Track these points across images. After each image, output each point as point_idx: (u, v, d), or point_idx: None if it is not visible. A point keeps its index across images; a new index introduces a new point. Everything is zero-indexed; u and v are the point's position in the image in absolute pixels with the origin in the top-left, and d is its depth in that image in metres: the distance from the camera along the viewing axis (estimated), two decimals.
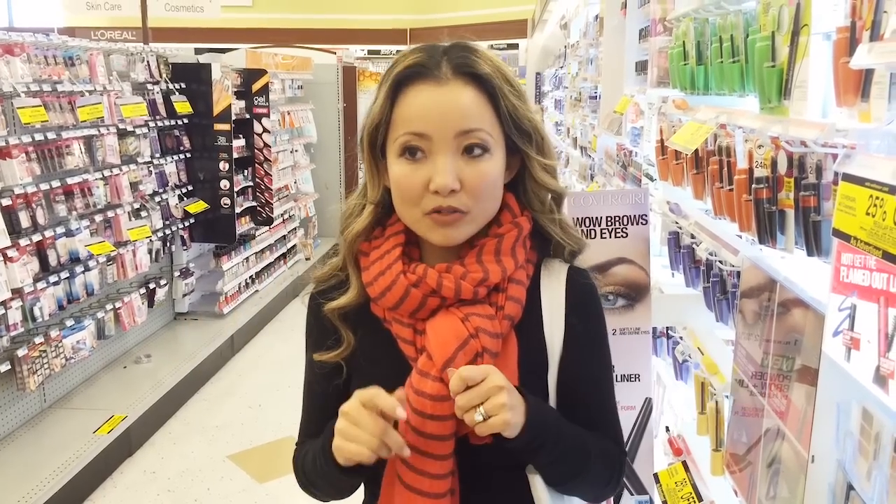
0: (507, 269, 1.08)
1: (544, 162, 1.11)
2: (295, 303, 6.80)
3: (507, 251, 1.09)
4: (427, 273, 1.05)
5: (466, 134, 1.03)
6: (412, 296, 1.05)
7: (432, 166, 1.03)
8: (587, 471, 1.09)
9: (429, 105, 1.04)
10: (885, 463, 0.91)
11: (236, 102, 5.68)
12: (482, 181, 1.04)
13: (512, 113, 1.06)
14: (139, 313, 4.69)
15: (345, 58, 8.45)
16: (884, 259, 0.87)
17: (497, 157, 1.07)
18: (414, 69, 1.06)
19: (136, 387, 4.35)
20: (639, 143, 2.65)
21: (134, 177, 4.57)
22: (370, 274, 1.09)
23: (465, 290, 1.05)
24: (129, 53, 4.73)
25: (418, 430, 1.01)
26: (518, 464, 1.08)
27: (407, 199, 1.05)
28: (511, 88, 1.07)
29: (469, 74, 1.05)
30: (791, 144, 1.22)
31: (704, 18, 1.80)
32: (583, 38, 4.86)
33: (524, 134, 1.08)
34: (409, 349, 1.07)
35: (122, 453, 3.89)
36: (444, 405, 1.01)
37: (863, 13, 1.07)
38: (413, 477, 1.02)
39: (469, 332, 1.03)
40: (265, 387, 4.93)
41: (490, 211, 1.09)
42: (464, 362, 1.01)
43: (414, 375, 1.04)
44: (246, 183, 5.97)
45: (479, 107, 1.05)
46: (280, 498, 3.60)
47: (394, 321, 1.09)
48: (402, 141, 1.05)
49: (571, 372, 1.11)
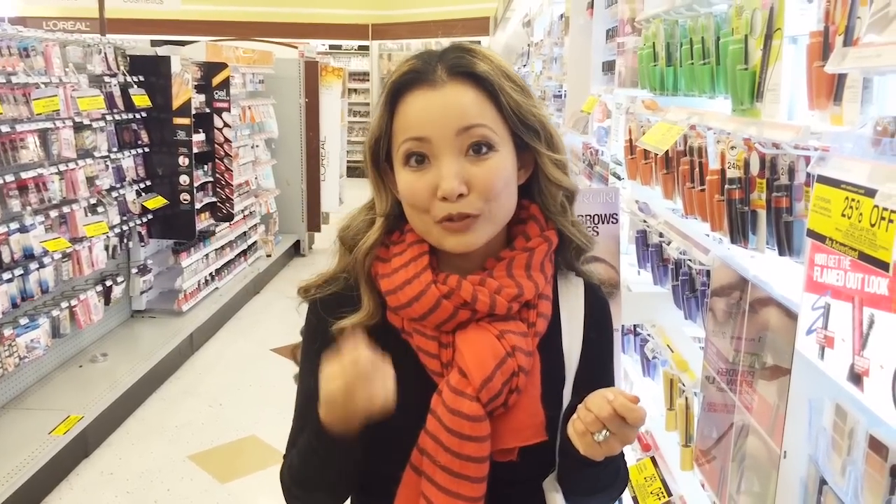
0: (538, 285, 1.06)
1: (555, 157, 1.08)
2: (256, 300, 6.72)
3: (537, 266, 1.06)
4: (461, 285, 1.02)
5: (467, 131, 1.00)
6: (443, 307, 1.01)
7: (437, 171, 1.00)
8: (615, 482, 1.10)
9: (426, 108, 1.01)
10: (859, 458, 0.93)
11: (196, 96, 5.58)
12: (491, 180, 1.00)
13: (515, 109, 1.03)
14: (95, 311, 4.58)
15: (306, 52, 8.36)
16: (860, 260, 0.89)
17: (505, 153, 1.03)
18: (409, 76, 1.04)
19: (93, 386, 4.25)
20: (606, 142, 2.68)
21: (90, 171, 4.46)
22: (393, 282, 1.05)
23: (499, 306, 1.02)
24: (85, 45, 4.60)
25: (454, 452, 0.99)
26: (533, 478, 1.08)
27: (416, 207, 1.03)
28: (512, 84, 1.04)
29: (465, 74, 1.02)
30: (763, 146, 1.24)
31: (674, 20, 1.82)
32: (547, 36, 4.89)
33: (531, 129, 1.05)
34: (432, 363, 1.04)
35: (79, 454, 3.80)
36: (482, 425, 0.99)
37: (836, 18, 1.10)
38: (447, 500, 0.99)
39: (506, 350, 1.01)
40: (226, 385, 4.86)
41: (507, 210, 1.05)
42: (500, 382, 1.00)
43: (447, 394, 1.01)
44: (206, 178, 5.87)
45: (479, 104, 1.02)
46: (243, 498, 3.55)
47: (415, 332, 1.05)
48: (405, 149, 1.02)
49: (585, 383, 1.09)
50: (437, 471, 1.00)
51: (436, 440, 1.00)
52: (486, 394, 0.99)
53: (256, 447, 4.05)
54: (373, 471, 1.07)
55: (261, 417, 4.36)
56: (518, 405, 1.03)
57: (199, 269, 5.86)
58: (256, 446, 4.05)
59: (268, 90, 7.65)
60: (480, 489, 1.00)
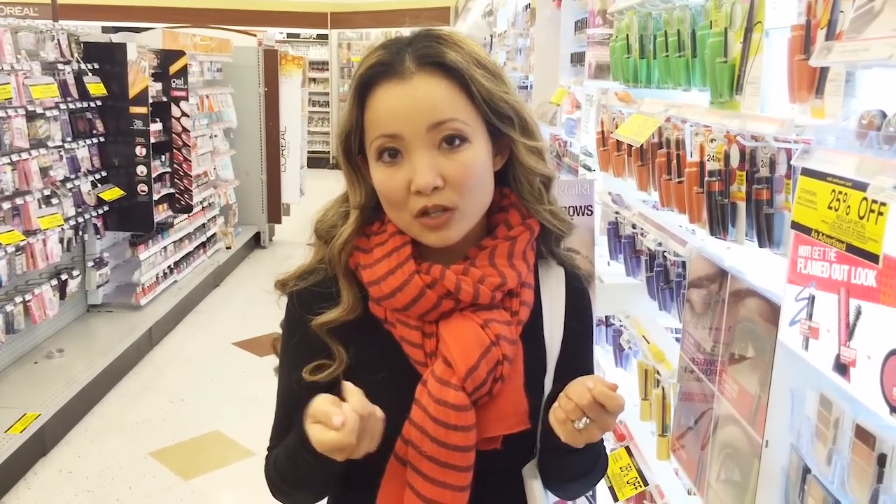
0: (521, 274, 1.06)
1: (529, 144, 1.07)
2: (216, 293, 6.61)
3: (519, 255, 1.06)
4: (444, 274, 1.01)
5: (439, 126, 0.99)
6: (427, 297, 1.01)
7: (410, 166, 0.99)
8: (595, 469, 1.10)
9: (396, 104, 0.99)
10: (845, 447, 0.95)
11: (153, 85, 5.44)
12: (465, 173, 1.00)
13: (486, 98, 1.01)
14: (50, 306, 4.45)
15: (265, 41, 8.22)
16: (847, 252, 0.90)
17: (478, 145, 1.02)
18: (376, 69, 1.01)
19: (49, 383, 4.13)
20: (575, 133, 2.69)
21: (44, 162, 4.32)
22: (375, 272, 1.04)
23: (483, 295, 1.02)
24: (38, 31, 4.45)
25: (441, 441, 0.98)
26: (514, 466, 1.08)
27: (392, 203, 1.02)
28: (483, 72, 1.02)
29: (434, 64, 1.00)
30: (744, 139, 1.25)
31: (648, 13, 1.83)
32: (511, 27, 4.88)
33: (503, 117, 1.04)
34: (416, 353, 1.03)
35: (36, 453, 3.69)
36: (468, 415, 0.99)
37: (817, 12, 1.11)
38: (433, 490, 0.99)
39: (490, 339, 1.00)
40: (186, 381, 4.77)
41: (482, 202, 1.05)
42: (485, 370, 0.99)
43: (432, 384, 1.00)
44: (163, 169, 5.74)
45: (450, 96, 1.00)
46: (207, 495, 3.49)
47: (398, 323, 1.04)
48: (377, 145, 1.01)
49: (566, 372, 1.10)
50: (423, 461, 1.00)
51: (421, 430, 1.00)
52: (471, 383, 0.99)
53: (220, 442, 3.98)
54: (355, 463, 1.05)
55: (223, 412, 4.29)
56: (502, 394, 1.03)
57: (157, 262, 5.74)
58: (220, 442, 3.99)
59: (226, 79, 7.52)
60: (466, 478, 1.00)
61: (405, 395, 1.02)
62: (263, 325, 5.65)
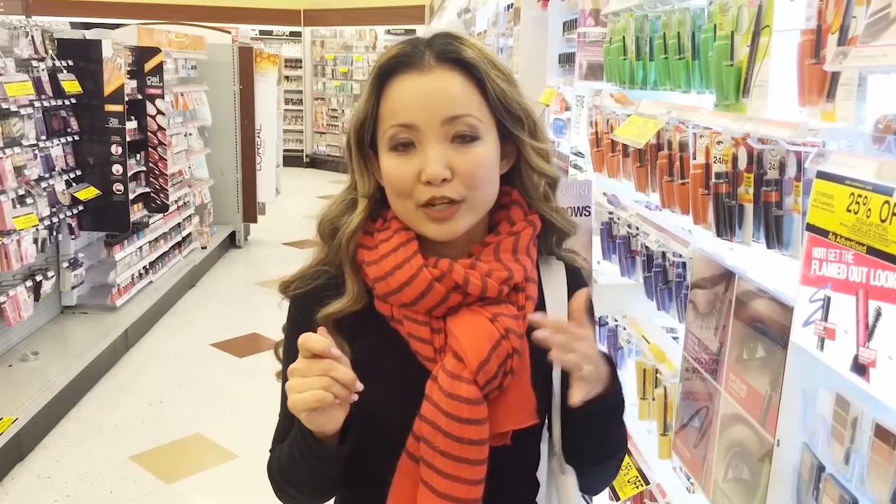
0: (526, 269, 1.07)
1: (538, 146, 1.09)
2: (192, 293, 6.52)
3: (523, 250, 1.08)
4: (453, 268, 1.02)
5: (454, 120, 1.01)
6: (435, 290, 1.01)
7: (422, 157, 1.01)
8: (621, 446, 1.13)
9: (414, 94, 1.02)
10: (864, 447, 0.96)
11: (128, 82, 5.36)
12: (475, 167, 1.02)
13: (500, 97, 1.04)
14: (25, 307, 4.36)
15: (240, 37, 8.13)
16: (868, 254, 0.92)
17: (489, 142, 1.05)
18: (397, 59, 1.04)
19: (25, 387, 4.05)
20: (564, 134, 2.70)
21: (18, 161, 4.22)
22: (382, 268, 1.04)
23: (491, 288, 1.02)
24: (11, 27, 4.36)
25: (454, 436, 0.98)
26: (522, 463, 1.10)
27: (399, 191, 1.03)
28: (498, 73, 1.05)
29: (453, 60, 1.03)
30: (752, 141, 1.27)
31: (644, 14, 1.84)
32: (492, 27, 4.89)
33: (515, 118, 1.06)
34: (425, 348, 1.03)
35: (13, 458, 3.61)
36: (480, 408, 0.99)
37: (828, 17, 1.12)
38: (448, 485, 0.99)
39: (500, 332, 1.01)
40: (165, 383, 4.70)
41: (487, 199, 1.06)
42: (496, 364, 1.00)
43: (443, 378, 1.00)
44: (139, 168, 5.65)
45: (466, 92, 1.03)
46: (189, 498, 3.45)
47: (406, 319, 1.04)
48: (391, 134, 1.03)
49: None
50: (437, 456, 1.00)
51: (434, 425, 1.00)
52: (483, 376, 0.99)
53: (201, 445, 3.93)
54: (364, 462, 1.06)
55: (204, 415, 4.24)
56: (511, 388, 1.04)
57: (132, 263, 5.65)
58: (201, 444, 3.94)
59: (201, 76, 7.42)
60: (481, 471, 1.00)
61: (413, 393, 1.03)
62: (241, 327, 5.61)
